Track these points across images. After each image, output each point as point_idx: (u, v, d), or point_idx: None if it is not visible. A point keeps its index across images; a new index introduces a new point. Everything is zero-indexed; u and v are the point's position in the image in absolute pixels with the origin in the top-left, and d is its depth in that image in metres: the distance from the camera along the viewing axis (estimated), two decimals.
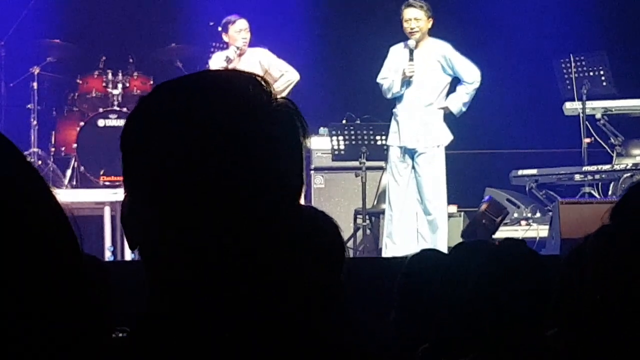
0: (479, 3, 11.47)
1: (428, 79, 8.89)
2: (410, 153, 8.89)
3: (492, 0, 11.45)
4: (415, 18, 8.76)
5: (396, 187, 8.91)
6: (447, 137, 8.93)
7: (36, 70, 10.43)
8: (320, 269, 2.23)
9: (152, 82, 10.63)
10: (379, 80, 9.03)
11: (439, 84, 8.92)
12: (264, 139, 1.34)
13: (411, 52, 8.81)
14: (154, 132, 1.35)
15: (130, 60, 10.73)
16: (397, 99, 8.97)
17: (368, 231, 9.50)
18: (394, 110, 9.00)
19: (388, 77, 8.96)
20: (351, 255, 8.66)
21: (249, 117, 1.34)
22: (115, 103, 10.38)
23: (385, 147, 9.24)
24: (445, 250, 6.89)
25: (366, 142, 9.52)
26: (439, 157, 8.87)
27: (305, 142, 1.38)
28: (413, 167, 8.90)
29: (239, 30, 9.40)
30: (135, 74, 10.63)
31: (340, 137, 9.65)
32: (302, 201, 1.61)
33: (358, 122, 9.85)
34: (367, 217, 9.42)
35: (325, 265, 2.31)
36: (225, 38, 9.51)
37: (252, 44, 9.54)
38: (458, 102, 8.91)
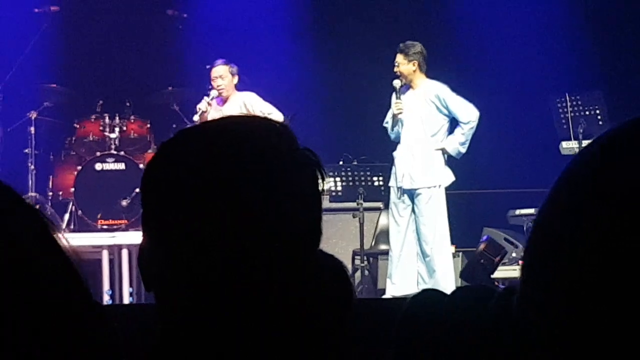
0: (475, 44, 11.52)
1: (422, 120, 8.94)
2: (409, 194, 8.89)
3: (487, 41, 11.51)
4: (396, 62, 8.92)
5: (396, 227, 8.91)
6: (448, 177, 8.93)
7: (33, 114, 10.43)
8: (329, 312, 2.23)
9: (149, 126, 10.64)
10: (384, 124, 9.16)
11: (434, 125, 8.95)
12: (285, 187, 1.34)
13: (396, 91, 8.94)
14: (174, 178, 1.35)
15: (127, 104, 10.73)
16: (398, 140, 9.03)
17: (366, 272, 9.46)
18: (393, 153, 9.05)
19: (389, 120, 9.07)
20: None
21: (270, 166, 1.34)
22: (113, 147, 10.36)
23: (382, 187, 9.25)
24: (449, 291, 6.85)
25: (363, 183, 9.51)
26: (437, 197, 8.85)
27: (323, 190, 1.39)
28: (413, 209, 8.90)
29: (213, 77, 9.74)
30: (132, 117, 10.62)
31: (337, 179, 9.65)
32: None
33: (355, 163, 9.86)
34: (365, 258, 9.40)
35: (334, 309, 2.31)
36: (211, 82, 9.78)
37: (245, 85, 9.64)
38: (454, 142, 8.93)
